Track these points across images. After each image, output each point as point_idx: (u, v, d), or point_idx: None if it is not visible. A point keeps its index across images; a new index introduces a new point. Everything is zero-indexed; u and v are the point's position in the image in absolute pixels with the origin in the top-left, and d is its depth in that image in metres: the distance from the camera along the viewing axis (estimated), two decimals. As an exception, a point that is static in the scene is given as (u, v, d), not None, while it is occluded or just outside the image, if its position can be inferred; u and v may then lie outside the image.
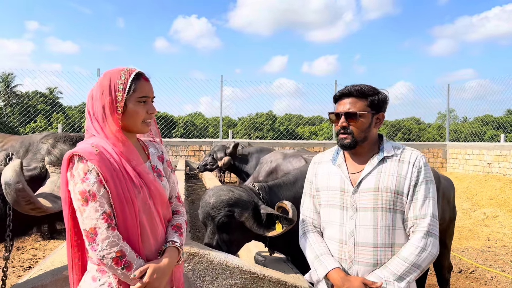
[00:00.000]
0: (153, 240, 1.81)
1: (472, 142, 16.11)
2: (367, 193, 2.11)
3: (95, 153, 1.69)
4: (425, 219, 2.03)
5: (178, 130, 35.32)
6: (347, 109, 2.16)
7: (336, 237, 2.19)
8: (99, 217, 1.65)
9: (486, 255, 6.82)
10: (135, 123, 1.81)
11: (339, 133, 2.20)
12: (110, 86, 1.76)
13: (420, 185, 2.07)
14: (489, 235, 8.16)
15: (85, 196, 1.65)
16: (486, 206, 10.22)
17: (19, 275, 5.16)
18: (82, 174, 1.67)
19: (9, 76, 40.82)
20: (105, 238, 1.64)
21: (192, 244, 2.79)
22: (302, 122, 37.94)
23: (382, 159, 2.15)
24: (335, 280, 2.07)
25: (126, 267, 1.66)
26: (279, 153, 6.44)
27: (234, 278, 2.77)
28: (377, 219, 2.08)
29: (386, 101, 2.22)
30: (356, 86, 2.17)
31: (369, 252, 2.08)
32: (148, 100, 1.83)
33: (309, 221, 2.39)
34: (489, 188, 11.48)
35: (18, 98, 34.59)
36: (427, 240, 2.01)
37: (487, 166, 13.71)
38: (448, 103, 17.15)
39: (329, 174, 2.28)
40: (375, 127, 2.20)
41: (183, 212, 2.08)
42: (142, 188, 1.78)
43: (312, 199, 2.38)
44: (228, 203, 2.93)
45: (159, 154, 2.03)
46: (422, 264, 1.99)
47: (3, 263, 2.81)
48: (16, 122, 16.89)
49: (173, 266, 1.82)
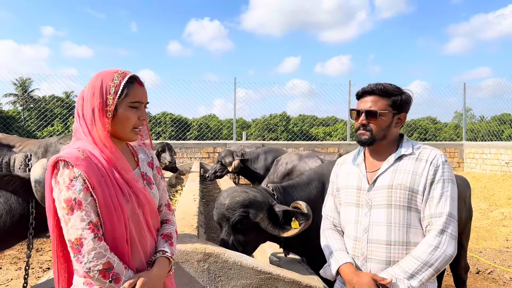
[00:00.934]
0: (142, 251, 1.72)
1: (489, 141, 15.88)
2: (381, 190, 2.12)
3: (82, 158, 1.59)
4: (441, 218, 1.99)
5: (192, 132, 35.55)
6: (368, 107, 2.16)
7: (351, 234, 2.21)
8: (85, 227, 1.54)
9: (505, 255, 6.71)
10: (125, 129, 1.71)
11: (358, 129, 2.21)
12: (102, 88, 1.66)
13: (437, 183, 2.03)
14: (507, 235, 8.03)
15: (71, 205, 1.55)
16: (504, 206, 10.05)
17: (39, 276, 5.26)
18: (68, 180, 1.57)
19: (27, 81, 41.59)
20: (92, 250, 1.53)
21: (207, 244, 2.81)
22: (316, 123, 37.82)
23: (399, 157, 2.14)
24: (345, 275, 2.09)
25: (114, 279, 1.56)
26: (294, 154, 6.44)
27: (248, 278, 2.79)
28: (391, 216, 2.07)
29: (410, 101, 2.21)
30: (380, 84, 2.16)
31: (382, 249, 2.08)
32: (140, 105, 1.74)
33: (330, 220, 2.43)
34: (507, 187, 11.30)
35: (35, 102, 35.22)
36: (441, 239, 1.96)
37: (505, 166, 13.49)
38: (465, 102, 16.94)
39: (349, 173, 2.32)
40: (396, 127, 2.20)
41: (173, 221, 1.99)
42: (131, 197, 1.69)
43: (334, 198, 2.42)
44: (243, 204, 2.94)
45: (149, 160, 1.94)
46: (435, 263, 1.94)
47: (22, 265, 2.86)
48: (34, 126, 17.17)
49: (164, 277, 1.74)
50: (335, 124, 41.33)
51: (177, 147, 13.05)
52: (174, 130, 16.26)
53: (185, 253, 2.72)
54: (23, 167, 2.70)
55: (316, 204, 3.23)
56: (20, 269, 5.55)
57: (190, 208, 4.60)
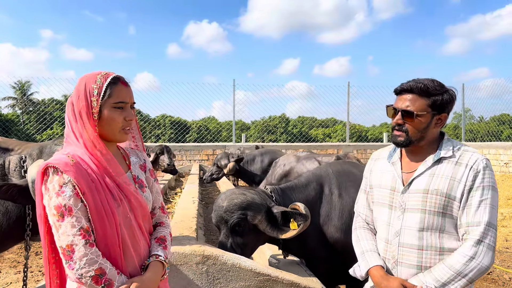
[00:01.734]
0: (136, 255, 1.71)
1: (488, 142, 15.89)
2: (416, 194, 2.03)
3: (71, 164, 1.58)
4: (478, 227, 1.88)
5: (191, 134, 35.56)
6: (405, 106, 2.03)
7: (383, 236, 2.16)
8: (76, 233, 1.53)
9: (504, 256, 6.71)
10: (112, 130, 1.70)
11: (394, 129, 2.10)
12: (86, 90, 1.66)
13: (476, 190, 1.92)
14: (506, 235, 8.03)
15: (61, 211, 1.54)
16: (504, 207, 10.05)
17: (38, 280, 5.25)
18: (58, 187, 1.56)
19: (26, 84, 41.58)
20: (83, 256, 1.52)
21: (206, 247, 2.81)
22: (315, 125, 37.85)
23: (438, 160, 2.04)
24: (374, 277, 2.06)
25: (107, 285, 1.55)
26: (292, 156, 6.46)
27: (247, 280, 2.79)
28: (424, 222, 1.99)
29: (453, 101, 2.06)
30: (419, 82, 2.01)
31: (413, 254, 2.01)
32: (125, 106, 1.71)
33: (362, 217, 2.37)
34: (506, 188, 11.30)
35: (34, 105, 35.21)
36: (477, 249, 1.86)
37: (504, 166, 13.50)
38: (463, 102, 16.94)
39: (383, 171, 2.23)
40: (435, 128, 2.07)
41: (168, 224, 1.98)
42: (122, 201, 1.67)
43: (366, 195, 2.35)
44: (241, 206, 2.94)
45: (141, 163, 1.92)
46: (469, 274, 1.85)
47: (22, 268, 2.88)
48: (33, 130, 17.15)
49: (158, 281, 1.73)
50: (335, 125, 41.37)
51: (176, 150, 13.04)
52: (174, 133, 16.27)
53: (183, 255, 2.72)
54: (18, 169, 2.70)
55: (314, 206, 3.24)
56: (19, 272, 5.54)
57: (189, 210, 4.61)
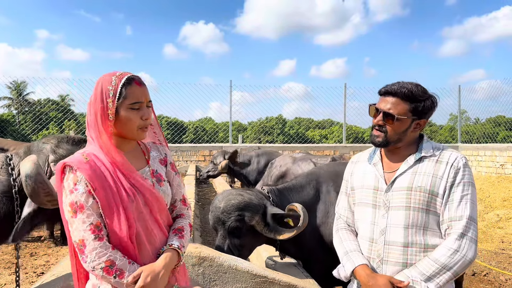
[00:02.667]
0: (150, 248, 1.78)
1: (484, 143, 15.94)
2: (400, 192, 2.08)
3: (85, 162, 1.66)
4: (461, 221, 1.95)
5: (188, 135, 35.53)
6: (387, 108, 2.10)
7: (366, 235, 2.17)
8: (86, 228, 1.62)
9: (500, 257, 6.72)
10: (130, 130, 1.75)
11: (373, 128, 2.17)
12: (102, 92, 1.71)
13: (457, 186, 2.00)
14: (502, 237, 8.05)
15: (74, 208, 1.63)
16: (500, 208, 10.08)
17: (32, 281, 5.21)
18: (72, 185, 1.65)
19: (21, 85, 41.43)
20: (93, 249, 1.62)
21: (202, 248, 2.80)
22: (312, 126, 37.90)
23: (419, 159, 2.10)
24: (360, 277, 2.06)
25: (118, 275, 1.63)
26: (288, 157, 6.48)
27: (244, 282, 2.77)
28: (409, 219, 2.04)
29: (433, 108, 2.13)
30: (404, 87, 2.07)
31: (399, 251, 2.04)
32: (141, 105, 1.76)
33: (343, 219, 2.38)
34: (502, 189, 11.33)
35: (30, 106, 35.06)
36: (461, 242, 1.93)
37: (500, 168, 13.53)
38: (460, 104, 16.97)
39: (365, 173, 2.27)
40: (413, 132, 2.14)
41: (188, 215, 2.04)
42: (136, 197, 1.73)
43: (347, 198, 2.37)
44: (238, 207, 2.93)
45: (162, 157, 1.98)
46: (454, 267, 1.91)
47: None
48: (29, 130, 17.05)
49: (170, 268, 1.78)
50: (331, 126, 41.43)
51: (173, 150, 13.01)
52: (170, 133, 16.17)
53: (179, 257, 2.70)
54: (5, 167, 2.68)
55: (311, 207, 3.23)
56: (14, 274, 5.49)
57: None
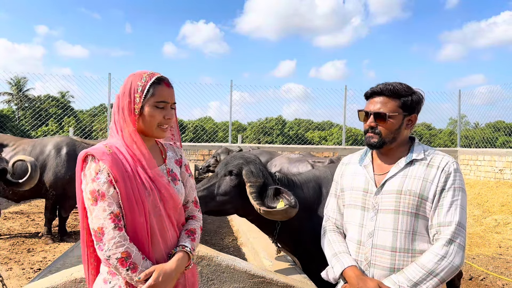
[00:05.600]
0: (163, 244, 1.80)
1: (483, 148, 15.96)
2: (389, 195, 2.05)
3: (108, 153, 1.72)
4: (449, 227, 1.93)
5: (187, 134, 35.49)
6: (377, 109, 2.09)
7: (354, 238, 2.15)
8: (106, 216, 1.66)
9: (497, 262, 6.73)
10: (151, 127, 1.81)
11: (367, 131, 2.14)
12: (131, 87, 1.79)
13: (448, 191, 1.97)
14: (500, 242, 8.06)
15: (95, 196, 1.67)
16: (498, 213, 10.09)
17: (29, 277, 5.20)
18: (94, 173, 1.70)
19: (22, 80, 41.39)
20: (111, 238, 1.64)
21: (200, 247, 2.80)
22: (311, 127, 37.86)
23: (410, 162, 2.08)
24: (350, 278, 2.03)
25: (131, 268, 1.66)
26: (284, 158, 6.50)
27: (241, 281, 2.77)
28: (398, 222, 2.02)
29: (421, 102, 2.14)
30: (389, 85, 2.08)
31: (386, 255, 2.02)
32: (166, 105, 1.83)
33: (332, 221, 2.35)
34: (501, 194, 11.34)
35: (30, 102, 35.07)
36: (448, 249, 1.90)
37: (499, 173, 13.55)
38: (460, 108, 17.00)
39: (355, 174, 2.24)
40: (406, 129, 2.13)
41: (199, 218, 2.06)
42: (153, 191, 1.77)
43: (337, 199, 2.35)
44: (246, 161, 3.07)
45: (177, 158, 2.03)
46: (440, 273, 1.88)
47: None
48: (28, 126, 17.05)
49: (181, 270, 1.80)
50: (331, 128, 41.42)
51: (172, 149, 12.96)
52: (170, 132, 16.11)
53: (177, 255, 2.70)
54: None
55: (311, 205, 3.22)
56: (10, 269, 5.49)
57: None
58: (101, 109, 26.36)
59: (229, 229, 5.65)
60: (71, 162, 6.89)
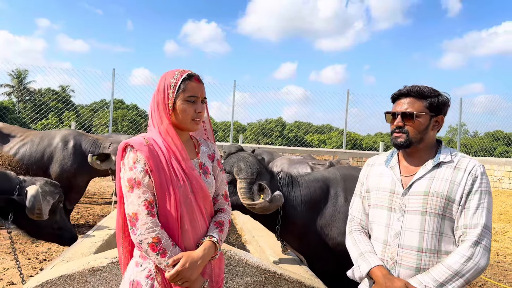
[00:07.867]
0: (192, 233, 1.89)
1: (482, 157, 16.05)
2: (417, 196, 2.07)
3: (145, 145, 1.84)
4: (476, 229, 1.95)
5: (187, 133, 35.46)
6: (404, 109, 2.12)
7: (381, 238, 2.17)
8: (141, 203, 1.77)
9: (495, 269, 6.81)
10: (184, 120, 1.91)
11: (394, 132, 2.16)
12: (165, 84, 1.91)
13: (474, 194, 1.99)
14: (498, 250, 8.14)
15: (131, 183, 1.80)
16: (496, 222, 10.18)
17: (35, 267, 5.27)
18: (132, 163, 1.82)
19: (23, 73, 41.28)
20: (144, 224, 1.76)
21: (214, 241, 2.86)
22: (311, 130, 37.95)
23: (437, 164, 2.10)
24: (377, 277, 2.04)
25: (161, 253, 1.76)
26: (285, 159, 6.56)
27: (253, 276, 2.84)
28: (425, 223, 2.04)
29: (447, 104, 2.17)
30: (416, 86, 2.12)
31: (413, 256, 2.05)
32: (197, 100, 1.93)
33: (357, 221, 2.36)
34: (499, 203, 11.43)
35: (30, 94, 34.99)
36: (474, 250, 1.92)
37: (497, 182, 13.65)
38: (460, 116, 17.06)
39: (381, 175, 2.26)
40: (433, 130, 2.16)
41: (228, 211, 2.14)
42: (185, 182, 1.87)
43: (362, 200, 2.36)
44: (239, 158, 3.22)
45: (210, 153, 2.13)
46: (466, 275, 1.90)
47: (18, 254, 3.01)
48: (28, 119, 17.03)
49: (207, 259, 1.88)
50: (330, 132, 41.54)
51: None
52: (171, 130, 16.12)
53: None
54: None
55: (317, 204, 3.28)
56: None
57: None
58: (102, 104, 26.36)
59: (233, 227, 5.70)
60: (77, 155, 6.93)
